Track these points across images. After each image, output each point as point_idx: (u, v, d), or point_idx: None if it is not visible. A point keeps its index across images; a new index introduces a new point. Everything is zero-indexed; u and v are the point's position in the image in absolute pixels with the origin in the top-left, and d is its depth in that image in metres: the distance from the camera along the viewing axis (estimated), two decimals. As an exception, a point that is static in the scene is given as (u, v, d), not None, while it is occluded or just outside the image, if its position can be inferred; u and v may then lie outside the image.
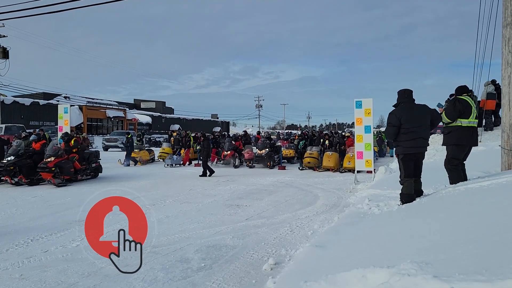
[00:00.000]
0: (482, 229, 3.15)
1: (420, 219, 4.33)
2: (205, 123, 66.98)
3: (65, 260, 4.82)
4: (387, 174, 11.07)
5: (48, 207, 8.23)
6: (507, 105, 6.71)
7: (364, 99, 11.75)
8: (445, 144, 6.19)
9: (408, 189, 5.65)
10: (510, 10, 6.62)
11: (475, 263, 2.36)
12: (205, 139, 14.64)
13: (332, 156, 15.64)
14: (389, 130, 5.81)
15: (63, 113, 16.52)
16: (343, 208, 7.65)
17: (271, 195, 9.72)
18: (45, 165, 11.20)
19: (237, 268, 4.56)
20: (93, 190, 10.45)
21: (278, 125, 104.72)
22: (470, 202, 4.43)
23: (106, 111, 45.51)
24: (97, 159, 13.53)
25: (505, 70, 6.74)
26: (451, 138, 6.09)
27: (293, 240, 5.69)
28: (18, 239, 5.68)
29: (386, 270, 2.53)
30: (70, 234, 5.98)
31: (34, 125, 32.64)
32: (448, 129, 6.13)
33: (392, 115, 5.74)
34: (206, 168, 13.85)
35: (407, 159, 5.66)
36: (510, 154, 6.62)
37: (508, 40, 6.66)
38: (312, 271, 3.63)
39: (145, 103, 64.07)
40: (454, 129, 6.03)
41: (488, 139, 11.94)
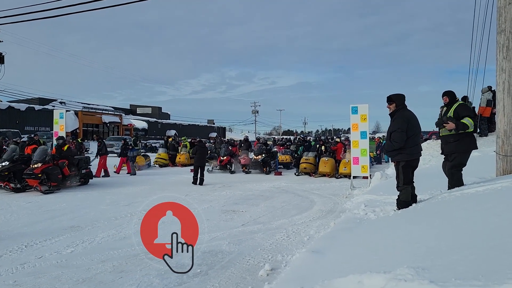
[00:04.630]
0: (478, 234, 3.15)
1: (416, 225, 4.34)
2: (202, 129, 66.95)
3: (59, 267, 4.78)
4: (383, 179, 11.10)
5: (43, 212, 8.17)
6: (502, 111, 6.75)
7: (360, 105, 11.79)
8: (454, 151, 6.03)
9: (406, 196, 5.64)
10: (504, 16, 6.68)
11: (472, 269, 2.36)
12: (199, 145, 13.94)
13: (328, 162, 15.65)
14: (400, 136, 5.51)
15: (59, 118, 16.49)
16: (339, 214, 7.64)
17: (267, 201, 9.70)
18: (31, 171, 10.83)
19: (233, 274, 4.54)
20: (88, 196, 10.39)
21: (274, 131, 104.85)
22: (466, 208, 4.44)
23: (102, 117, 45.40)
24: (87, 165, 13.29)
25: (500, 77, 6.78)
26: (461, 145, 5.99)
27: (289, 245, 5.67)
28: (12, 245, 5.63)
29: (383, 275, 2.52)
30: (65, 240, 5.94)
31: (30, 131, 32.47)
32: (456, 137, 5.98)
33: (400, 120, 5.57)
34: (197, 175, 13.12)
35: (409, 165, 5.63)
36: (505, 159, 6.65)
37: (503, 46, 6.71)
38: (308, 277, 3.62)
39: (141, 108, 64.02)
40: (463, 136, 5.95)
41: (483, 145, 11.98)
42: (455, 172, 6.05)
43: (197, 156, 13.47)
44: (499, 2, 6.77)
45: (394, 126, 5.65)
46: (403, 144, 5.51)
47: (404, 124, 5.53)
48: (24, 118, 36.55)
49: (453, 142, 6.05)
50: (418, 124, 5.75)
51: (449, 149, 6.13)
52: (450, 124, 5.93)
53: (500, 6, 6.74)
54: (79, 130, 40.16)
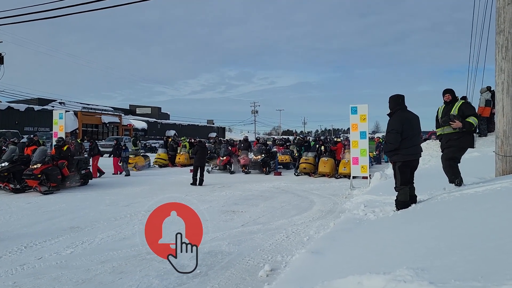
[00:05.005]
0: (477, 235, 3.15)
1: (415, 225, 4.34)
2: (201, 129, 66.93)
3: (59, 267, 4.78)
4: (383, 180, 11.10)
5: (42, 213, 8.16)
6: (501, 111, 6.76)
7: (359, 105, 11.79)
8: (456, 146, 6.10)
9: (404, 196, 5.65)
10: (503, 17, 6.69)
11: (471, 270, 2.36)
12: (199, 145, 13.89)
13: (327, 162, 15.66)
14: (394, 137, 5.58)
15: (58, 118, 16.49)
16: (339, 214, 7.65)
17: (266, 201, 9.70)
18: (31, 172, 10.83)
19: (232, 275, 4.54)
20: (87, 197, 10.39)
21: (274, 131, 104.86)
22: (465, 208, 4.45)
23: (101, 117, 45.36)
24: (86, 166, 13.31)
25: (499, 77, 6.79)
26: (464, 142, 6.09)
27: (289, 246, 5.67)
28: (11, 246, 5.62)
29: (382, 276, 2.53)
30: (64, 241, 5.94)
31: (29, 131, 32.45)
32: (460, 135, 6.04)
33: (395, 122, 5.63)
34: (196, 175, 13.08)
35: (405, 166, 5.65)
36: (504, 160, 6.66)
37: (502, 46, 6.72)
38: (308, 278, 3.62)
39: (140, 108, 63.97)
40: (466, 134, 6.04)
41: (483, 145, 12.01)
42: (454, 165, 6.10)
43: (197, 156, 13.44)
44: (498, 2, 6.78)
45: (389, 127, 5.76)
46: (397, 145, 5.57)
47: (398, 125, 5.57)
48: (24, 119, 36.51)
49: (459, 139, 6.09)
50: (417, 125, 5.75)
51: (452, 144, 6.15)
52: (457, 122, 5.92)
53: (499, 7, 6.75)
54: (79, 131, 40.12)
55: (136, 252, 5.33)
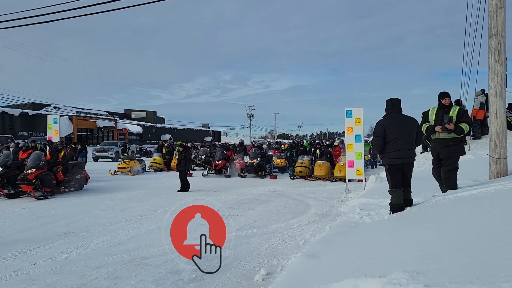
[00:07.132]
0: (472, 238, 3.17)
1: (411, 228, 4.35)
2: (197, 133, 66.86)
3: (53, 273, 4.74)
4: (378, 183, 11.12)
5: (37, 218, 8.11)
6: (494, 114, 6.81)
7: (354, 108, 11.84)
8: (454, 155, 6.06)
9: (397, 199, 5.64)
10: (496, 20, 6.76)
11: (466, 272, 2.37)
12: (184, 149, 13.57)
13: (323, 165, 15.69)
14: (375, 141, 5.84)
15: (53, 123, 16.44)
16: (335, 217, 7.66)
17: (262, 205, 9.69)
18: (25, 177, 10.72)
19: (228, 279, 4.53)
20: (82, 202, 10.33)
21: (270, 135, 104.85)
22: (460, 211, 4.47)
23: (96, 121, 45.24)
24: (81, 171, 13.17)
25: (492, 80, 6.85)
26: (460, 149, 6.13)
27: (284, 250, 5.67)
28: (5, 252, 5.58)
29: (378, 279, 2.53)
30: (59, 246, 5.89)
31: (23, 136, 32.33)
32: (456, 141, 6.04)
33: (378, 126, 5.74)
34: (185, 181, 12.86)
35: (393, 169, 5.65)
36: (498, 162, 6.71)
37: (494, 50, 6.78)
38: (304, 281, 3.62)
39: (136, 113, 63.84)
40: (460, 140, 6.10)
41: (477, 148, 12.08)
42: (452, 176, 6.06)
43: (178, 159, 13.28)
44: (491, 6, 6.84)
45: (373, 132, 5.95)
46: (379, 148, 5.72)
47: (380, 129, 5.67)
48: (18, 124, 36.33)
49: (452, 146, 6.04)
50: (405, 128, 5.63)
51: (447, 153, 6.06)
52: (451, 124, 5.92)
53: (492, 10, 6.82)
54: (74, 135, 39.96)
55: (131, 257, 5.30)
